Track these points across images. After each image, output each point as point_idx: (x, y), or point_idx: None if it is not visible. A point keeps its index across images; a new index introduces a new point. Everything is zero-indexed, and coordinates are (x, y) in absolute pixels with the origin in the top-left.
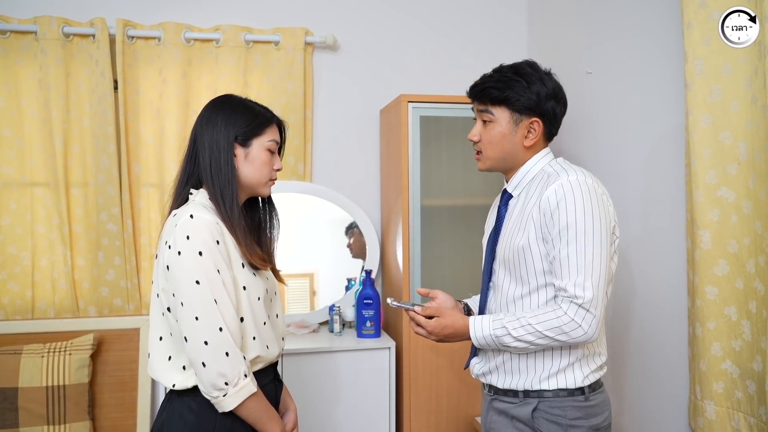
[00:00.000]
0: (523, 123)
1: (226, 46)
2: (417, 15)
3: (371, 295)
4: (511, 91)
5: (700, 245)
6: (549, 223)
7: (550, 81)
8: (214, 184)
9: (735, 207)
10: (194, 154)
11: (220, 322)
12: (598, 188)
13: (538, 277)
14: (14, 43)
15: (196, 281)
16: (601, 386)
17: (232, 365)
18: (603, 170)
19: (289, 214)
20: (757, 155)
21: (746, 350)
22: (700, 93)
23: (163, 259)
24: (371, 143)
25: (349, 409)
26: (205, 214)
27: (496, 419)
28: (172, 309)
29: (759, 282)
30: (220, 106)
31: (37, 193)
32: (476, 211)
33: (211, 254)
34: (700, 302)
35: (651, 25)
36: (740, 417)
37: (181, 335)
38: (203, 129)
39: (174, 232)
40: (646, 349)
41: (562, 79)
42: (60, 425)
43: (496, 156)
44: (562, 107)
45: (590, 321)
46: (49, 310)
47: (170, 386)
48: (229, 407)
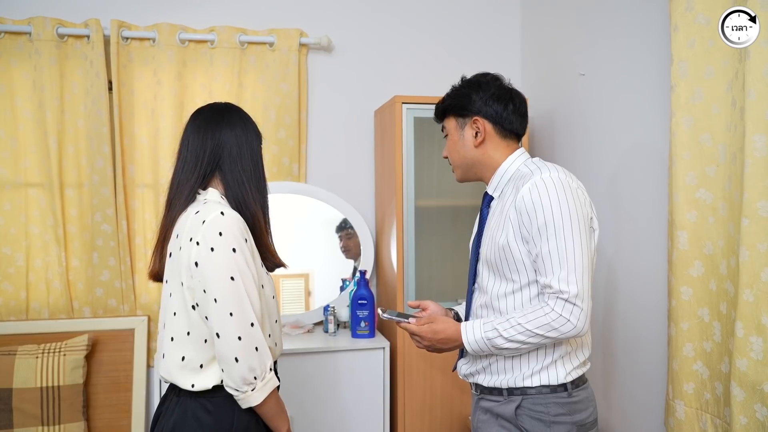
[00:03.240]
0: (467, 125)
1: (221, 47)
2: (411, 17)
3: (366, 295)
4: (452, 99)
5: (677, 246)
6: (527, 222)
7: (490, 85)
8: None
9: (712, 209)
10: (214, 158)
11: (252, 318)
12: (572, 183)
13: (521, 274)
14: (8, 43)
15: (231, 277)
16: (585, 382)
17: (261, 360)
18: (595, 170)
19: (284, 214)
20: (734, 157)
21: (716, 352)
22: (683, 95)
23: (188, 257)
24: (365, 144)
25: (343, 409)
26: (234, 212)
27: (482, 418)
28: (201, 305)
29: (730, 283)
30: (238, 114)
31: (32, 193)
32: (469, 211)
33: (242, 251)
34: (675, 302)
35: (642, 28)
36: (707, 418)
37: (211, 332)
38: (225, 134)
39: (202, 229)
40: (633, 346)
41: (554, 80)
42: (54, 426)
43: (459, 163)
44: (505, 105)
45: (578, 314)
46: (43, 310)
47: (188, 387)
48: (255, 402)
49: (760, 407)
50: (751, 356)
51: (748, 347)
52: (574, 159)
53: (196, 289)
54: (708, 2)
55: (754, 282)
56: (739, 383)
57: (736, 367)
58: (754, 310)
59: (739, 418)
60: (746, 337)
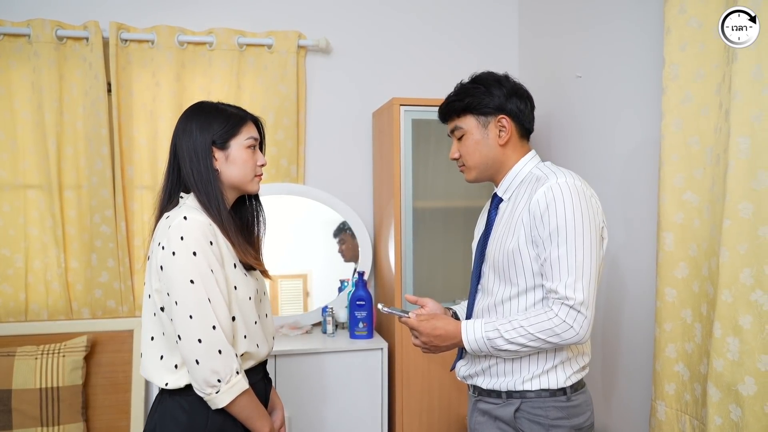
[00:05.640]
0: (491, 124)
1: (220, 49)
2: (409, 19)
3: (364, 296)
4: (471, 97)
5: (663, 247)
6: (539, 225)
7: (507, 81)
8: (199, 190)
9: (698, 211)
10: (176, 164)
11: (213, 321)
12: (586, 190)
13: (527, 279)
14: (7, 45)
15: (191, 280)
16: (584, 386)
17: (225, 362)
18: (590, 172)
19: (282, 216)
20: (719, 159)
21: (696, 353)
22: (674, 97)
23: (156, 260)
24: (363, 146)
25: (341, 410)
26: (199, 216)
27: (480, 420)
28: (165, 308)
29: (710, 285)
30: (192, 115)
31: (31, 195)
32: (467, 213)
33: (205, 254)
34: (660, 303)
35: (638, 31)
36: (686, 419)
37: (174, 334)
38: (180, 139)
39: (168, 234)
40: (628, 348)
41: (551, 82)
42: (54, 427)
43: (478, 163)
44: (525, 102)
45: (581, 322)
46: (42, 312)
47: (162, 385)
48: (221, 404)
49: (735, 407)
50: (727, 357)
51: (725, 348)
52: (568, 160)
53: (162, 291)
54: (701, 6)
55: (732, 283)
56: (715, 383)
57: (713, 367)
58: (732, 310)
59: (714, 419)
60: (723, 338)
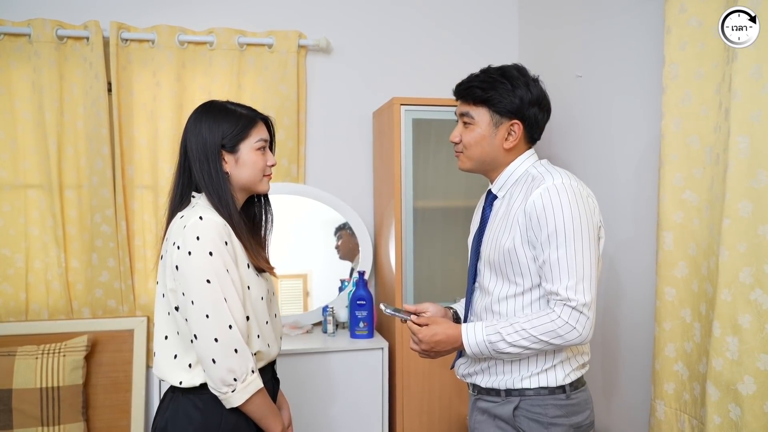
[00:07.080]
0: (503, 125)
1: (220, 49)
2: (409, 19)
3: (364, 296)
4: (495, 92)
5: (663, 246)
6: (536, 227)
7: (536, 87)
8: (210, 193)
9: (698, 210)
10: (186, 164)
11: (229, 320)
12: (583, 190)
13: (525, 278)
14: (8, 45)
15: (207, 280)
16: (583, 384)
17: (241, 361)
18: (589, 171)
19: (283, 215)
20: (718, 158)
21: (695, 352)
22: (673, 96)
23: (171, 260)
24: (364, 145)
25: (342, 409)
26: (214, 216)
27: (479, 419)
28: (180, 308)
29: (709, 284)
30: (202, 116)
31: (31, 195)
32: (468, 212)
33: (221, 254)
34: (659, 303)
35: (639, 30)
36: (686, 419)
37: (190, 333)
38: (190, 140)
39: (183, 233)
40: (629, 347)
41: (552, 82)
42: (54, 426)
43: (476, 157)
44: (545, 114)
45: (584, 323)
46: (42, 311)
47: (177, 383)
48: (237, 403)
49: (734, 407)
50: (726, 356)
51: (724, 347)
52: (568, 160)
53: (177, 291)
54: (701, 5)
55: (732, 282)
56: (715, 383)
57: (712, 366)
58: (731, 309)
59: (713, 418)
60: (722, 337)
